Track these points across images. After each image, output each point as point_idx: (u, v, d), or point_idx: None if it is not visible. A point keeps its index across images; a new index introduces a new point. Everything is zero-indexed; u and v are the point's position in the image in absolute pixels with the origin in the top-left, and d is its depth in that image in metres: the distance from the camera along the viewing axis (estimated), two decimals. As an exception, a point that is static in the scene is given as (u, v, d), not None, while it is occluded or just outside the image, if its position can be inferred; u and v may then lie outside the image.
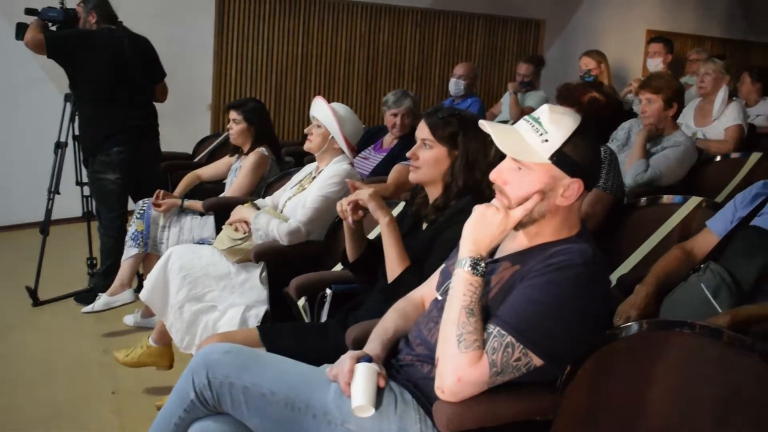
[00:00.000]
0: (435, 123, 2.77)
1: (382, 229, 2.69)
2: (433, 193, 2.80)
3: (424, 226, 2.82)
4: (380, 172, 4.84)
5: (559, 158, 1.94)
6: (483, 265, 1.93)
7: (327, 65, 7.97)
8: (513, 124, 2.07)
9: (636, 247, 3.28)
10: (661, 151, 4.23)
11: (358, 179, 3.68)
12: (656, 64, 6.88)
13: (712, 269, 2.62)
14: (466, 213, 2.06)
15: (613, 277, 3.05)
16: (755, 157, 4.23)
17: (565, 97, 3.57)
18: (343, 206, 2.78)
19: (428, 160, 2.75)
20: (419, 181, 2.82)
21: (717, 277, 2.59)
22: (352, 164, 3.79)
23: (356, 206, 2.76)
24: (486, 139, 2.78)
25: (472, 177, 2.71)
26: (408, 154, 2.80)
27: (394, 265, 2.64)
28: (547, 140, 1.94)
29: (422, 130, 2.78)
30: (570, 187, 1.96)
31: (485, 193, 2.64)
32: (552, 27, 9.02)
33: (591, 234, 2.12)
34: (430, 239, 2.68)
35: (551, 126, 1.95)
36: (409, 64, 8.36)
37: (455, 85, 6.48)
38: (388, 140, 5.12)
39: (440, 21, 8.42)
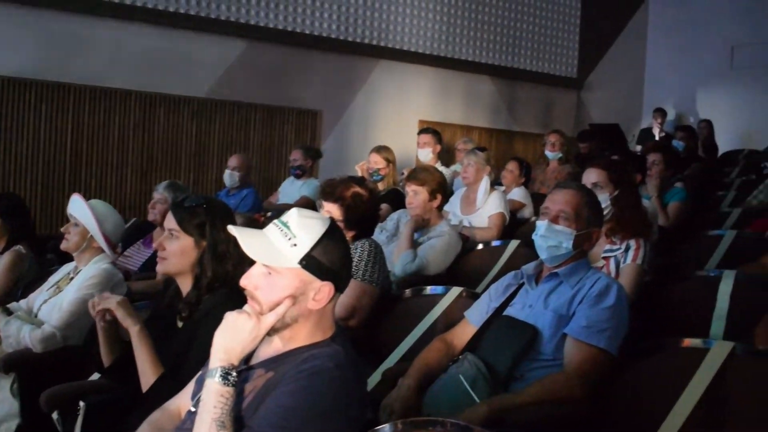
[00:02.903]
0: (181, 213, 2.71)
1: (132, 338, 2.58)
2: (184, 285, 2.72)
3: (180, 324, 2.72)
4: (150, 267, 4.67)
5: (308, 262, 1.93)
6: (234, 374, 1.89)
7: (99, 155, 7.68)
8: None
9: (402, 338, 3.33)
10: (427, 241, 4.37)
11: (118, 279, 3.53)
12: (426, 154, 7.16)
13: (469, 360, 2.70)
14: (221, 309, 2.01)
15: (380, 371, 3.07)
16: (513, 244, 4.45)
17: (329, 193, 3.62)
18: (95, 309, 2.66)
19: (175, 251, 2.68)
20: (167, 273, 2.75)
21: (474, 367, 2.67)
22: (114, 263, 3.63)
23: (104, 313, 2.65)
24: None
25: (223, 268, 2.66)
26: (154, 245, 2.73)
27: (147, 374, 2.53)
28: (295, 244, 1.93)
29: (169, 221, 2.72)
30: (321, 291, 1.96)
31: (239, 286, 2.61)
32: (329, 117, 9.25)
33: (356, 329, 2.12)
34: (187, 340, 2.58)
35: (300, 230, 1.95)
36: (186, 154, 8.24)
37: (229, 177, 6.47)
38: (159, 233, 4.98)
39: (217, 110, 8.41)
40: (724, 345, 2.57)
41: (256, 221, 4.43)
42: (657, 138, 10.40)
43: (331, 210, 3.57)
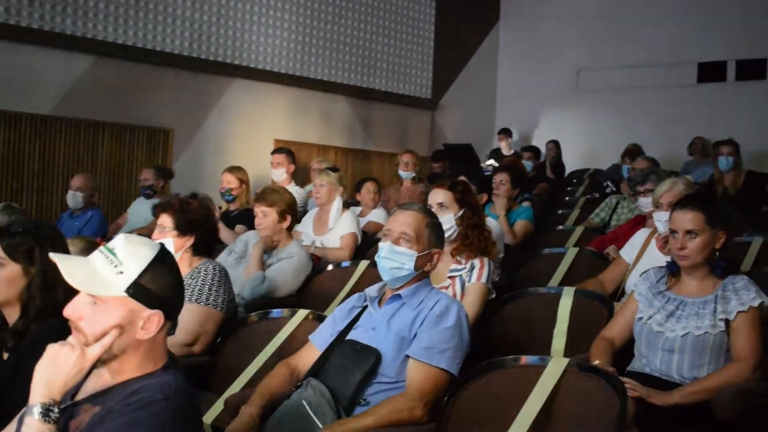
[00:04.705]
0: (7, 239, 2.56)
1: None
2: (11, 315, 2.57)
3: (5, 355, 2.56)
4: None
5: (135, 290, 1.86)
6: (56, 411, 1.79)
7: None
8: None
9: (248, 364, 3.26)
10: (276, 263, 4.32)
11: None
12: (280, 174, 7.09)
13: (312, 385, 2.67)
14: (48, 340, 1.90)
15: (223, 399, 3.00)
16: (363, 264, 4.45)
17: (158, 206, 3.67)
18: None
19: (1, 280, 2.53)
20: None
21: (317, 392, 2.64)
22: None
23: None
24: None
25: (52, 297, 2.53)
26: None
27: None
28: (122, 272, 1.86)
29: None
30: (150, 320, 1.88)
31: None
32: (181, 136, 9.04)
33: (200, 355, 2.05)
34: (11, 373, 2.43)
35: (126, 257, 1.87)
36: (29, 174, 7.83)
37: (72, 198, 6.22)
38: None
39: (62, 128, 8.06)
40: (559, 362, 2.64)
41: (97, 245, 4.27)
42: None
43: (164, 221, 3.58)
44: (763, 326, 2.99)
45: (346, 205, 5.86)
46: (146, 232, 4.75)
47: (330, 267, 4.62)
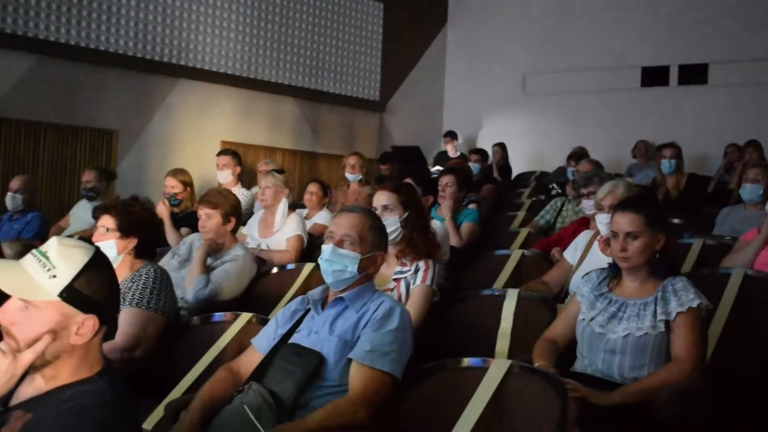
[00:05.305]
0: None
1: None
2: None
3: None
4: None
5: (69, 295, 1.82)
6: (-14, 418, 1.74)
7: None
8: None
9: (189, 369, 3.22)
10: (220, 266, 4.27)
11: None
12: (225, 176, 7.02)
13: (254, 389, 2.64)
14: None
15: (164, 404, 2.95)
16: (308, 267, 4.42)
17: (99, 207, 3.62)
18: None
19: None
20: None
21: (259, 396, 2.61)
22: None
23: None
24: None
25: None
26: None
27: None
28: (55, 276, 1.82)
29: None
30: (85, 324, 1.85)
31: None
32: (125, 137, 8.90)
33: (142, 360, 2.01)
34: None
35: (60, 260, 1.84)
36: (-34, 175, 7.66)
37: (12, 200, 6.09)
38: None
39: (2, 129, 7.88)
40: (501, 363, 2.65)
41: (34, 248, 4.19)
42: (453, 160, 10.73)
43: (106, 222, 3.52)
44: (702, 327, 3.04)
45: (293, 207, 5.81)
46: (88, 235, 4.65)
47: (275, 270, 4.59)
